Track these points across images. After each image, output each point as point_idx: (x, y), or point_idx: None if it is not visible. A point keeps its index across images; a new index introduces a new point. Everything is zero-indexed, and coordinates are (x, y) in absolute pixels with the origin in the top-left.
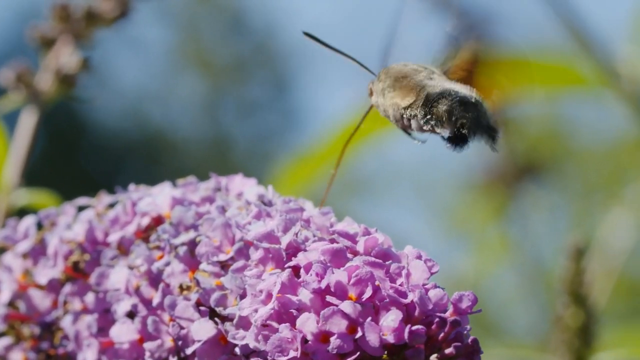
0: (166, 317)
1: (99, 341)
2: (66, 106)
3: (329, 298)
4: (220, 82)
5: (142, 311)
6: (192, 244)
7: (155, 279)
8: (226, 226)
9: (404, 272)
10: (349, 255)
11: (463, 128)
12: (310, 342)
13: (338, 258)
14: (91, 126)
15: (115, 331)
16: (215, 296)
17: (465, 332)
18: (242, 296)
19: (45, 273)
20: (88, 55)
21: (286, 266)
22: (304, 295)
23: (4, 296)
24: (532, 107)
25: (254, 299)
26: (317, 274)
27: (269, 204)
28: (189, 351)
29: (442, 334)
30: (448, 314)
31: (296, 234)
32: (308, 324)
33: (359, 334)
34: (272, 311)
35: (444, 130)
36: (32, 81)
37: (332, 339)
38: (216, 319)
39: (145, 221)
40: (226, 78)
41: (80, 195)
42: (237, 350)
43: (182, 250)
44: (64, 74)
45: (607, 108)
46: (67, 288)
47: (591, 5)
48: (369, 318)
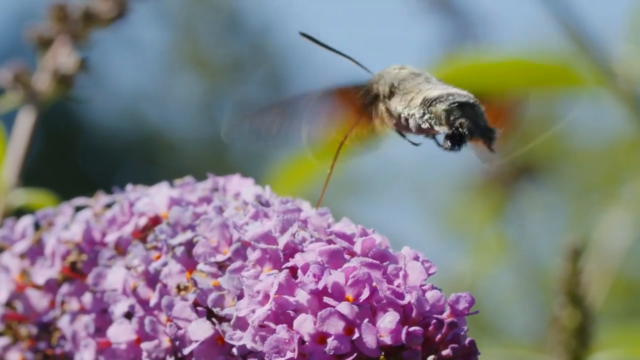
0: (163, 318)
1: (97, 341)
2: (64, 106)
3: (326, 299)
4: (217, 82)
5: (140, 311)
6: (190, 245)
7: (152, 280)
8: (223, 227)
9: (402, 274)
10: (347, 256)
11: (462, 128)
12: (307, 343)
13: (335, 259)
14: (89, 126)
15: (112, 331)
16: (212, 297)
17: (462, 334)
18: (240, 297)
19: (42, 273)
20: (85, 55)
21: (283, 267)
22: (301, 296)
23: (2, 296)
24: (530, 108)
25: (252, 300)
26: (315, 275)
27: (267, 205)
28: (187, 351)
29: (440, 336)
30: (445, 316)
31: (293, 235)
32: (305, 325)
33: (356, 335)
34: (270, 312)
35: (442, 128)
36: (30, 81)
37: (329, 340)
38: (213, 320)
39: (142, 221)
40: (223, 78)
41: (77, 195)
42: (235, 350)
43: (180, 250)
44: (62, 74)
45: (604, 108)
46: (65, 288)
47: (587, 4)
48: (366, 319)
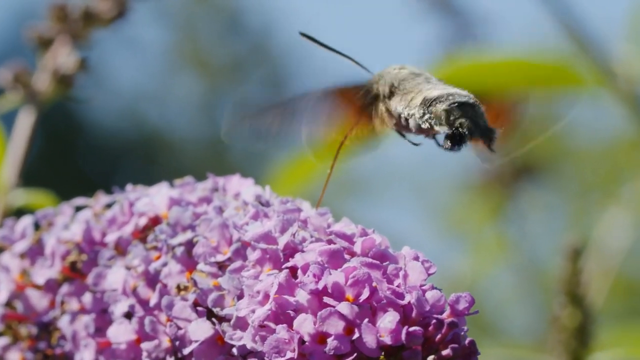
0: (163, 318)
1: (97, 341)
2: (64, 106)
3: (326, 299)
4: (217, 82)
5: (140, 311)
6: (190, 245)
7: (152, 280)
8: (223, 227)
9: (402, 274)
10: (347, 256)
11: (462, 127)
12: (307, 343)
13: (335, 259)
14: (88, 126)
15: (112, 331)
16: (212, 297)
17: (462, 334)
18: (240, 297)
19: (42, 273)
20: (85, 55)
21: (283, 267)
22: (301, 296)
23: (2, 296)
24: (530, 108)
25: (251, 300)
26: (315, 275)
27: (267, 205)
28: (187, 351)
29: (439, 336)
30: (445, 316)
31: (293, 235)
32: (305, 325)
33: (356, 335)
34: (270, 312)
35: (442, 128)
36: (30, 81)
37: (329, 340)
38: (213, 320)
39: (142, 221)
40: (223, 78)
41: (77, 195)
42: (235, 350)
43: (180, 250)
44: (62, 74)
45: (604, 108)
46: (65, 288)
47: (587, 4)
48: (366, 319)
